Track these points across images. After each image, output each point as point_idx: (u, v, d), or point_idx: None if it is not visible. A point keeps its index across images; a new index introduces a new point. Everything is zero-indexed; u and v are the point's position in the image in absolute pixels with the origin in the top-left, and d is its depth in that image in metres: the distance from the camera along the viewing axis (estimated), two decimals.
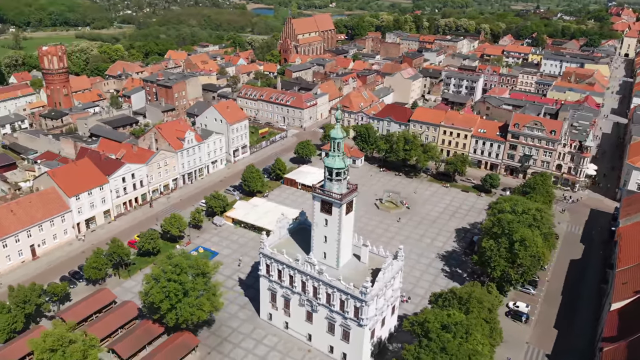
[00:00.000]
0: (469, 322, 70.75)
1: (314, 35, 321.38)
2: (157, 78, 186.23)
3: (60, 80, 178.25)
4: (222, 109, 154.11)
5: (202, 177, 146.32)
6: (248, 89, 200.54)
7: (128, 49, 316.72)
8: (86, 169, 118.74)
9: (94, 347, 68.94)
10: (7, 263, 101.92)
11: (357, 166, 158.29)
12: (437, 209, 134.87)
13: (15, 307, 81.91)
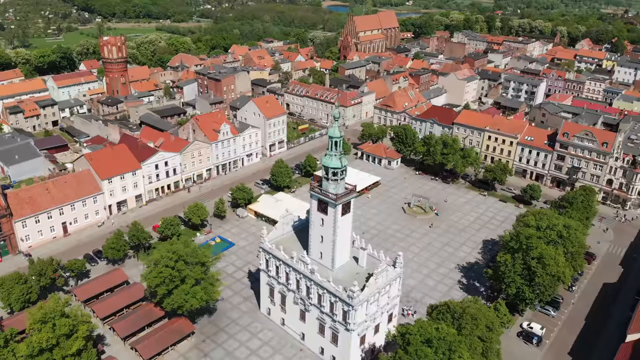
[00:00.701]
0: (454, 338, 66.85)
1: (375, 33, 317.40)
2: (208, 71, 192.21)
3: (118, 69, 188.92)
4: (261, 103, 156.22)
5: (237, 169, 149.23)
6: (295, 85, 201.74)
7: (195, 42, 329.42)
8: (121, 154, 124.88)
9: (86, 323, 72.21)
10: (39, 237, 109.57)
11: (392, 168, 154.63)
12: (468, 218, 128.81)
13: (32, 278, 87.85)
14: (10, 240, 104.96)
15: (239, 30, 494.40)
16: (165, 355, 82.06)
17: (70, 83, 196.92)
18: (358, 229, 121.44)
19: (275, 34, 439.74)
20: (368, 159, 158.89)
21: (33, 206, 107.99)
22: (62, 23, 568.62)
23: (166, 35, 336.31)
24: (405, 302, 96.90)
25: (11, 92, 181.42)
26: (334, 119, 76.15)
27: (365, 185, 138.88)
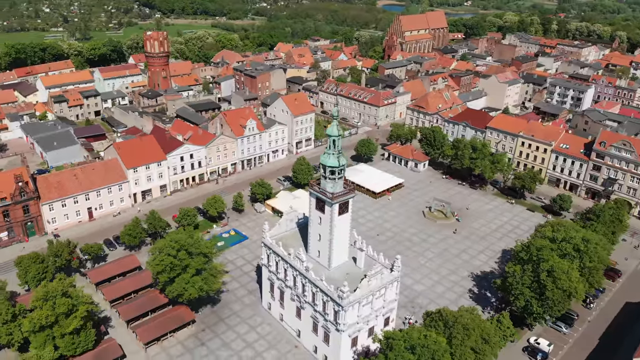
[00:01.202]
0: (439, 347, 65.09)
1: (422, 33, 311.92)
2: (245, 68, 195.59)
3: (159, 64, 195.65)
4: (290, 100, 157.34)
5: (262, 164, 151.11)
6: (330, 84, 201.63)
7: (243, 39, 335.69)
8: (148, 145, 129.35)
9: (86, 304, 75.49)
10: (65, 221, 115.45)
11: (419, 170, 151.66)
12: (491, 226, 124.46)
13: (48, 258, 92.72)
14: (37, 222, 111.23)
15: (290, 29, 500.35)
16: (165, 342, 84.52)
17: (115, 75, 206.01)
18: (373, 230, 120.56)
19: (323, 33, 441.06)
20: (395, 161, 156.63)
21: (60, 191, 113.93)
22: (124, 18, 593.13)
23: (215, 31, 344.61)
24: (410, 307, 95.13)
25: (59, 82, 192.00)
26: (333, 117, 75.50)
27: (387, 187, 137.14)
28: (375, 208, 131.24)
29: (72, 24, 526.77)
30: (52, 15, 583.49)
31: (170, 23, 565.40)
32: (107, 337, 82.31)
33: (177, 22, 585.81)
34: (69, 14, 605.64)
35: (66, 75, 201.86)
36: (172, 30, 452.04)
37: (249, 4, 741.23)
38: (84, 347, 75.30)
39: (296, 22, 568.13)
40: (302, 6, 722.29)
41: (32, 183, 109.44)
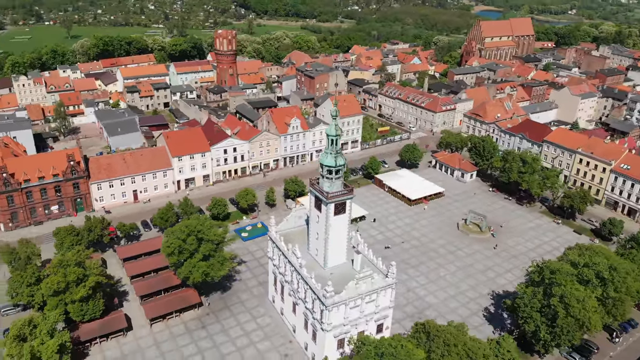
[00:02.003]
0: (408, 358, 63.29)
1: (504, 40, 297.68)
2: (305, 68, 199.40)
3: (227, 61, 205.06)
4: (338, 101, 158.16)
5: (304, 163, 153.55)
6: (390, 87, 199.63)
7: (321, 41, 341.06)
8: (195, 136, 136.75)
9: (97, 275, 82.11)
10: (111, 200, 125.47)
11: (465, 181, 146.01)
12: (528, 245, 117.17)
13: (83, 232, 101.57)
14: (85, 199, 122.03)
15: (376, 32, 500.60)
16: (170, 320, 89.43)
17: (188, 70, 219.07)
18: (399, 237, 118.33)
19: (405, 37, 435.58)
20: (441, 169, 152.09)
21: (109, 172, 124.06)
22: (220, 17, 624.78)
23: (297, 32, 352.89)
24: (416, 318, 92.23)
25: (135, 74, 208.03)
26: (331, 117, 75.82)
27: (425, 195, 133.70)
28: (408, 215, 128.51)
29: (172, 21, 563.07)
30: (156, 13, 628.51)
31: (262, 24, 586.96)
32: (117, 310, 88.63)
33: (269, 23, 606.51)
34: (171, 11, 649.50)
35: (143, 68, 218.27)
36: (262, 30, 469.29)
37: (340, 7, 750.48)
38: (91, 314, 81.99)
39: (384, 25, 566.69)
40: (392, 10, 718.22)
41: (83, 163, 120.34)
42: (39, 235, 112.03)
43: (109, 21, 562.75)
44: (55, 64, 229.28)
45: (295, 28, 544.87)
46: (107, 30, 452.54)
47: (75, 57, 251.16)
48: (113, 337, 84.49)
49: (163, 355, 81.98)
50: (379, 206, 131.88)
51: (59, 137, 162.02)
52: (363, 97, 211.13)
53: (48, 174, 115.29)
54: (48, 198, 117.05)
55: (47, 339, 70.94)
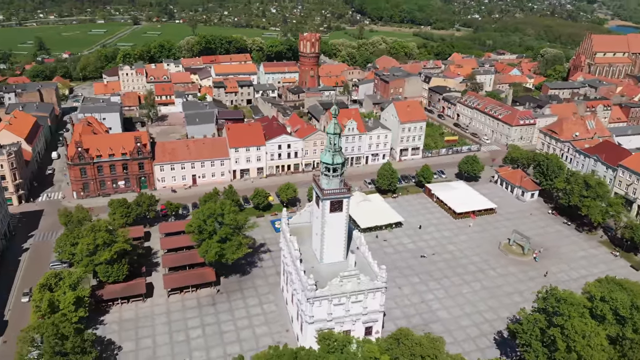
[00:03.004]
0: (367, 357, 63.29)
1: (618, 56, 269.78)
2: (382, 73, 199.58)
3: (309, 63, 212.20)
4: (401, 107, 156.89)
5: (359, 165, 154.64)
6: (470, 97, 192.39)
7: (420, 47, 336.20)
8: (254, 130, 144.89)
9: (124, 243, 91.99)
10: (172, 181, 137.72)
11: (524, 200, 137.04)
12: (572, 274, 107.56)
13: (133, 206, 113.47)
14: (149, 178, 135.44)
15: (491, 41, 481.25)
16: (186, 294, 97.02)
17: (275, 71, 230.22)
18: (432, 248, 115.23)
19: (514, 47, 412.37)
20: (502, 185, 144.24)
21: (172, 156, 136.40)
22: (334, 22, 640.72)
23: (393, 38, 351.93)
24: (420, 330, 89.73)
25: (227, 71, 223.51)
26: (332, 116, 77.53)
27: (474, 209, 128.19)
28: (449, 228, 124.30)
29: (289, 24, 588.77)
30: (276, 16, 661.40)
31: (374, 29, 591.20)
32: (143, 277, 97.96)
33: (382, 29, 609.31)
34: (290, 15, 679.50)
35: (235, 66, 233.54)
36: (373, 36, 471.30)
37: (459, 15, 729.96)
38: (115, 277, 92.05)
39: (502, 35, 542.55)
40: (514, 20, 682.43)
41: (150, 146, 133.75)
42: (104, 205, 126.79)
43: (232, 22, 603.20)
44: (161, 58, 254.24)
45: (407, 35, 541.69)
46: (228, 30, 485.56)
47: (180, 52, 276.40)
48: (133, 300, 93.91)
49: (169, 324, 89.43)
50: (421, 215, 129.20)
51: (147, 122, 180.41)
52: (442, 105, 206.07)
53: (118, 152, 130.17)
54: (116, 173, 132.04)
55: (68, 291, 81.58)
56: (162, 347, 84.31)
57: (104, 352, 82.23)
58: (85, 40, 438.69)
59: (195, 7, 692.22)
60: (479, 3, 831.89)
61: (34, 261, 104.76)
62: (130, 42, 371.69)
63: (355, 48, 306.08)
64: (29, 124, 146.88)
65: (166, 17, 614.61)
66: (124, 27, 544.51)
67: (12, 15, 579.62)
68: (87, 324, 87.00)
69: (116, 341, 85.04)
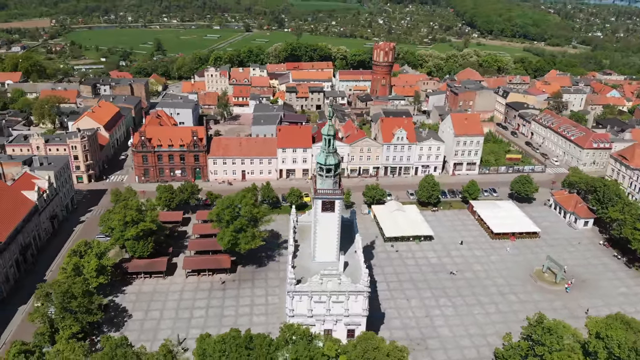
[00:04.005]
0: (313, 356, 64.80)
1: None
2: (454, 85, 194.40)
3: (382, 72, 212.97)
4: (458, 119, 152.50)
5: (407, 176, 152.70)
6: (545, 115, 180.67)
7: (517, 62, 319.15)
8: (303, 133, 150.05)
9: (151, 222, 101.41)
10: (223, 175, 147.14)
11: (576, 227, 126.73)
12: (602, 311, 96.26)
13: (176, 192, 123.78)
14: (202, 170, 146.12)
15: (608, 61, 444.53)
16: (203, 277, 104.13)
17: (350, 79, 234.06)
18: (457, 265, 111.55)
19: (624, 69, 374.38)
20: (556, 209, 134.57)
21: (225, 151, 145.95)
22: (441, 34, 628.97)
23: (486, 52, 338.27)
24: (414, 344, 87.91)
25: (303, 77, 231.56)
26: (328, 118, 79.71)
27: (513, 231, 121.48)
28: (482, 247, 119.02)
29: (393, 35, 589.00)
30: (382, 27, 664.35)
31: (482, 43, 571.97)
32: (167, 257, 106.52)
33: (490, 42, 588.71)
34: (397, 26, 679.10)
35: (312, 73, 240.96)
36: (480, 49, 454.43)
37: (578, 32, 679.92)
38: (140, 253, 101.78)
39: (623, 55, 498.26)
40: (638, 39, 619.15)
41: (206, 140, 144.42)
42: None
43: (337, 32, 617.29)
44: (249, 62, 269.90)
45: (516, 49, 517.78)
46: (332, 40, 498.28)
47: (268, 58, 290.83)
48: (155, 276, 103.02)
49: (180, 301, 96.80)
50: (456, 232, 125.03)
51: (219, 121, 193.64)
52: (517, 122, 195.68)
53: (176, 143, 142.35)
54: (174, 163, 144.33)
55: (93, 259, 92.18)
56: (166, 320, 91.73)
57: (116, 317, 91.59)
58: (200, 43, 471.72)
59: (305, 17, 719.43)
60: (604, 21, 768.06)
61: (85, 232, 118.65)
62: (236, 47, 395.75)
63: (443, 60, 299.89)
64: (111, 113, 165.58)
65: (276, 26, 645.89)
66: (236, 33, 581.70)
67: (139, 17, 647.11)
68: (111, 291, 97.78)
69: (129, 309, 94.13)
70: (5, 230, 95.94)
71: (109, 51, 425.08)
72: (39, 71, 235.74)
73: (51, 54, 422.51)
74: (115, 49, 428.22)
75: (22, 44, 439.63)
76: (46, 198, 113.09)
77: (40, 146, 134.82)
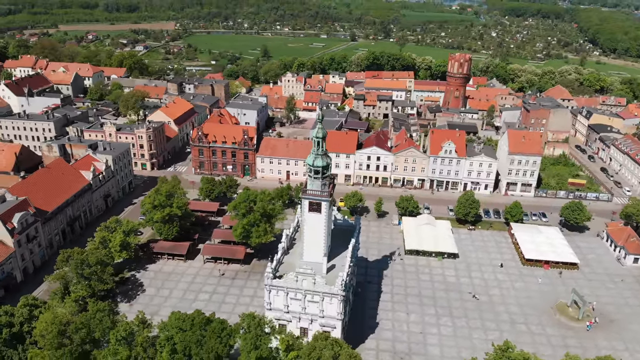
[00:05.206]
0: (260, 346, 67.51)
1: None
2: (528, 101, 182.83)
3: (455, 84, 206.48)
4: (515, 136, 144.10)
5: (455, 191, 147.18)
6: (626, 140, 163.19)
7: (625, 83, 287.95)
8: (349, 138, 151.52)
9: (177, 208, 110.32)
10: (269, 173, 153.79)
11: (624, 264, 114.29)
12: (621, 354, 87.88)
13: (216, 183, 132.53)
14: (251, 167, 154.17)
15: None
16: (219, 264, 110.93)
17: (425, 89, 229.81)
18: (474, 287, 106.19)
19: None
20: (607, 241, 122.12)
21: (272, 151, 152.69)
22: (558, 50, 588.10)
23: (590, 69, 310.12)
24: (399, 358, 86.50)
25: (377, 86, 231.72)
26: (319, 121, 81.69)
27: (548, 259, 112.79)
28: (509, 272, 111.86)
29: (503, 48, 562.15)
30: (494, 40, 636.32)
31: (602, 62, 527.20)
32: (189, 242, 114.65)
33: (612, 62, 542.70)
34: (510, 40, 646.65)
35: (387, 82, 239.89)
36: (600, 68, 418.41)
37: None
38: (165, 235, 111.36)
39: None
40: None
41: (255, 140, 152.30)
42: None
43: (444, 43, 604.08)
44: (330, 70, 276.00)
45: (635, 70, 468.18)
46: (437, 51, 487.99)
47: (350, 66, 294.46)
48: (177, 259, 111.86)
49: (191, 284, 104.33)
50: (486, 253, 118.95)
51: (285, 123, 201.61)
52: (597, 146, 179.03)
53: (229, 140, 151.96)
54: (226, 158, 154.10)
55: (119, 235, 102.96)
56: (172, 299, 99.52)
57: (131, 290, 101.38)
58: (305, 51, 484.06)
59: (415, 27, 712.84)
60: None
61: (133, 212, 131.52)
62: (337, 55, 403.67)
63: (537, 75, 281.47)
64: (184, 109, 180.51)
65: (382, 35, 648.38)
66: (341, 42, 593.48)
67: (254, 25, 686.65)
68: (136, 266, 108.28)
69: (145, 285, 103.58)
70: (55, 202, 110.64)
71: (220, 55, 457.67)
72: (140, 68, 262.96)
73: (169, 54, 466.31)
74: (225, 53, 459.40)
75: (145, 44, 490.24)
76: (101, 178, 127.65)
77: (112, 133, 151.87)
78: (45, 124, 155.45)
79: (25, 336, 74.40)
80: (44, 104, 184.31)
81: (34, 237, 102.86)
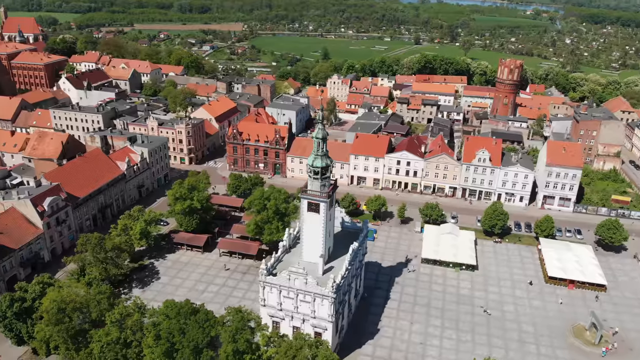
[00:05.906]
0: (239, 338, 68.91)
1: None
2: (579, 111, 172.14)
3: (505, 90, 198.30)
4: (554, 147, 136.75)
5: (488, 201, 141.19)
6: None
7: None
8: (380, 142, 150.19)
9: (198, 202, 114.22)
10: (299, 173, 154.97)
11: None
12: None
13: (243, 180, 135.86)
14: (282, 166, 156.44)
15: None
16: (233, 258, 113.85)
17: (474, 95, 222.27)
18: (488, 302, 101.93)
19: None
20: None
21: (303, 151, 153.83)
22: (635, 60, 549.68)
23: None
24: None
25: (425, 89, 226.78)
26: (317, 121, 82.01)
27: (573, 278, 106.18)
28: (528, 289, 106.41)
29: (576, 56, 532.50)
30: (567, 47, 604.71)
31: None
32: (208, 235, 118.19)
33: None
34: (585, 47, 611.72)
35: (435, 86, 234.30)
36: None
37: None
38: (185, 227, 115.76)
39: None
40: None
41: (287, 141, 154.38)
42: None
43: (513, 49, 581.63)
44: (380, 72, 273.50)
45: None
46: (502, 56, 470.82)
47: (402, 69, 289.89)
48: (195, 250, 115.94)
49: (203, 275, 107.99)
50: (508, 267, 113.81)
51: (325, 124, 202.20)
52: None
53: (262, 139, 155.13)
54: (258, 157, 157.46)
55: (140, 224, 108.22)
56: (182, 288, 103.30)
57: (147, 277, 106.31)
58: (365, 53, 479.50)
59: (484, 32, 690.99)
60: None
61: (164, 204, 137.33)
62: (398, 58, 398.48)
63: (601, 85, 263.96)
64: (226, 107, 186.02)
65: (448, 39, 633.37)
66: (404, 45, 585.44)
67: (319, 27, 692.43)
68: (156, 255, 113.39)
69: (160, 273, 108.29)
70: (87, 189, 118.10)
71: (281, 56, 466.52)
72: (197, 67, 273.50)
73: (233, 55, 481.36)
74: (287, 55, 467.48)
75: (212, 44, 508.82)
76: (136, 170, 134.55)
77: (154, 128, 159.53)
78: (95, 116, 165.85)
79: (35, 312, 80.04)
80: (100, 97, 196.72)
81: (63, 220, 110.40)
